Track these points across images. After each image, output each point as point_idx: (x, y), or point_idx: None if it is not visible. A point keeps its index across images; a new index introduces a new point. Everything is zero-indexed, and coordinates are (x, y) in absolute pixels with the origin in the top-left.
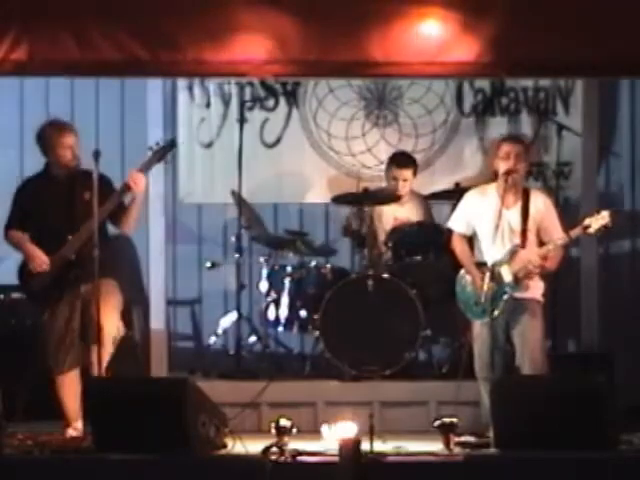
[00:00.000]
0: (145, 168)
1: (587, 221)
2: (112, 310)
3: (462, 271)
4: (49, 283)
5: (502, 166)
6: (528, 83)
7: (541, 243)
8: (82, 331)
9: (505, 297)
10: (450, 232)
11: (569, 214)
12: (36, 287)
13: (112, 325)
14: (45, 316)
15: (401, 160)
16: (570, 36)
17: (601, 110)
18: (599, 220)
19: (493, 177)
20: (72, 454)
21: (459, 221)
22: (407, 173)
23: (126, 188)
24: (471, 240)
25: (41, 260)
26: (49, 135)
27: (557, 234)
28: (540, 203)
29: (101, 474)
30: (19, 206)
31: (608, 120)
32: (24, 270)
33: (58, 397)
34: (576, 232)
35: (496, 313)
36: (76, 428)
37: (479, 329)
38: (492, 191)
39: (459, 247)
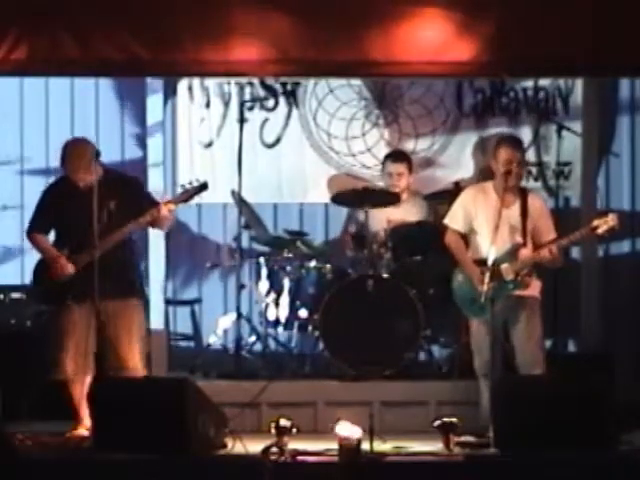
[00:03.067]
0: (173, 203)
1: (595, 222)
2: (135, 348)
3: (457, 268)
4: (60, 285)
5: (501, 169)
6: (528, 83)
7: (534, 244)
8: (100, 354)
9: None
10: (445, 228)
11: (569, 214)
12: (50, 288)
13: (136, 369)
14: (56, 318)
15: (394, 155)
16: (570, 36)
17: (601, 110)
18: (608, 222)
19: (491, 176)
20: (72, 454)
21: (456, 218)
22: (401, 167)
23: (152, 219)
24: (465, 237)
25: (63, 267)
26: (64, 159)
27: (551, 236)
28: (537, 204)
29: (101, 474)
30: (43, 209)
31: (608, 120)
32: (40, 269)
33: (69, 397)
34: (583, 232)
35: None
36: (87, 427)
37: (476, 326)
38: (490, 190)
39: (455, 244)
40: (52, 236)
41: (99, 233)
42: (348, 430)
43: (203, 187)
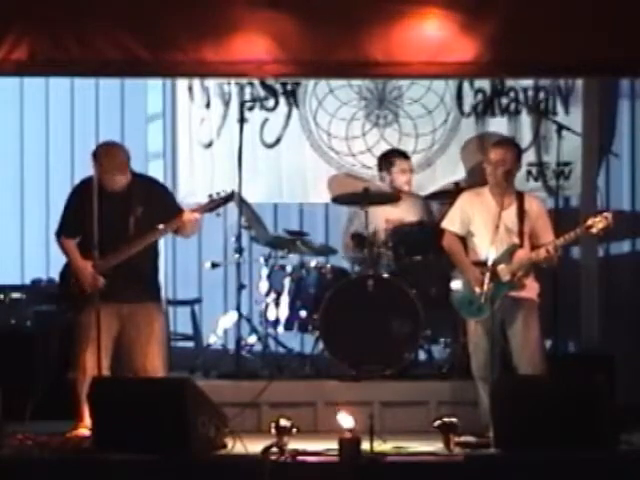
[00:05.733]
0: (199, 212)
1: (590, 221)
2: (155, 351)
3: (455, 271)
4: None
5: (499, 169)
6: (528, 83)
7: (531, 246)
8: (119, 356)
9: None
10: (442, 232)
11: (569, 214)
12: (74, 292)
13: (155, 372)
14: (77, 317)
15: (402, 152)
16: (570, 36)
17: (601, 110)
18: (603, 221)
19: (485, 180)
20: (72, 454)
21: (454, 221)
22: (410, 164)
23: (177, 226)
24: (463, 240)
25: (93, 281)
26: (97, 160)
27: (549, 237)
28: (534, 206)
29: (101, 474)
30: (71, 211)
31: (608, 120)
32: (67, 273)
33: (75, 395)
34: (578, 232)
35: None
36: (88, 427)
37: (474, 328)
38: (486, 193)
39: (454, 247)
40: None
41: (125, 239)
42: (346, 421)
43: (229, 198)
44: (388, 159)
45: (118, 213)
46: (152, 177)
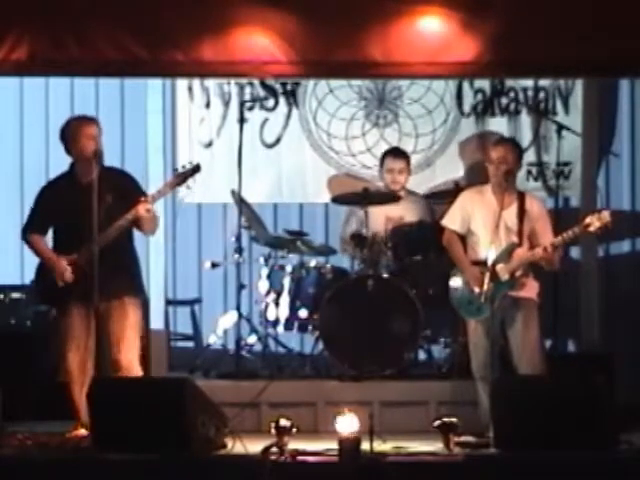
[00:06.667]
0: (170, 186)
1: (588, 220)
2: (129, 347)
3: (454, 270)
4: (60, 287)
5: (501, 167)
6: (528, 83)
7: (531, 246)
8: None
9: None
10: (442, 229)
11: (569, 214)
12: (51, 289)
13: (130, 368)
14: (58, 319)
15: (394, 151)
16: (570, 36)
17: (601, 110)
18: (601, 219)
19: (485, 179)
20: (72, 454)
21: (454, 219)
22: (402, 163)
23: (133, 218)
24: (463, 239)
25: (64, 272)
26: (71, 127)
27: (548, 239)
28: (535, 206)
29: (101, 474)
30: (41, 208)
31: (608, 120)
32: (43, 269)
33: (71, 397)
34: (577, 231)
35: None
36: (87, 427)
37: (473, 328)
38: (488, 192)
39: (453, 245)
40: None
41: (98, 230)
42: (348, 425)
43: (196, 169)
44: (383, 158)
45: (89, 203)
46: (121, 169)
